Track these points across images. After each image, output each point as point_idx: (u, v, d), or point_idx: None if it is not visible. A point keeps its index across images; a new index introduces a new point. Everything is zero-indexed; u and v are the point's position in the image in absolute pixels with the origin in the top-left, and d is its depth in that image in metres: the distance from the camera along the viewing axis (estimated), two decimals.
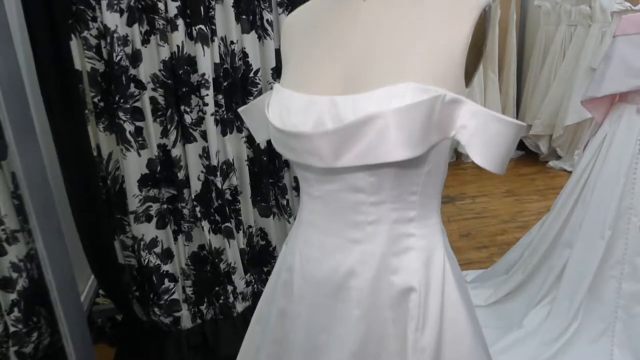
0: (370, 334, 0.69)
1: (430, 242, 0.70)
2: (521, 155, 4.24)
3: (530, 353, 1.73)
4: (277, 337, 0.78)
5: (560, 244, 1.91)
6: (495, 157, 0.62)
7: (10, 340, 1.48)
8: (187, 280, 1.72)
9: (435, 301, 0.68)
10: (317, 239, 0.73)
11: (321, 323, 0.72)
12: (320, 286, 0.72)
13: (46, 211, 1.38)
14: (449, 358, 0.68)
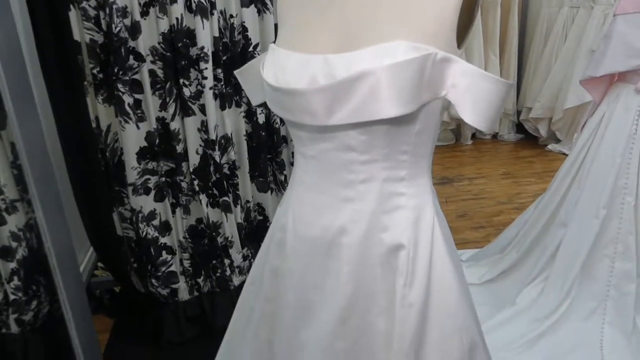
0: (359, 289, 0.71)
1: (420, 201, 0.72)
2: (520, 138, 4.24)
3: (522, 330, 1.75)
4: (270, 295, 0.80)
5: (555, 223, 1.93)
6: (485, 115, 0.63)
7: (10, 308, 1.51)
8: (184, 253, 1.74)
9: (423, 258, 0.70)
10: (309, 198, 0.74)
11: (313, 280, 0.74)
12: (312, 244, 0.74)
13: (45, 181, 1.39)
14: (436, 313, 0.70)
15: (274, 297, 0.79)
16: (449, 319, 0.71)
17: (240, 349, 0.86)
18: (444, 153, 3.96)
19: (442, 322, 0.70)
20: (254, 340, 0.83)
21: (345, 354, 0.71)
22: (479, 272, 2.10)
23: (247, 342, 0.85)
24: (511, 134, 4.27)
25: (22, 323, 1.53)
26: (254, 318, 0.84)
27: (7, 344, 1.53)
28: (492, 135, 4.32)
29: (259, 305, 0.82)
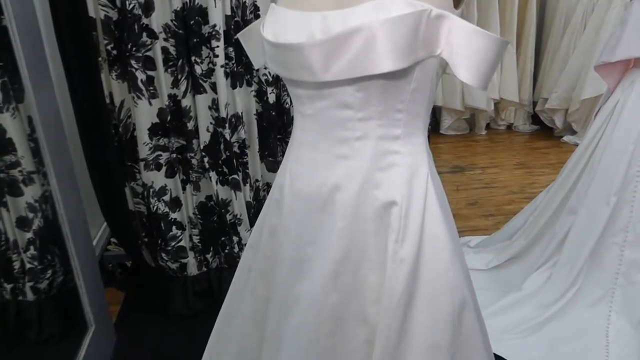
0: (352, 244, 0.73)
1: (414, 160, 0.73)
2: (536, 129, 4.20)
3: (527, 315, 1.75)
4: (267, 253, 0.82)
5: (565, 210, 1.92)
6: (480, 72, 0.64)
7: (26, 276, 1.56)
8: (194, 228, 1.77)
9: (416, 216, 0.72)
10: (306, 157, 0.76)
11: (308, 236, 0.76)
12: (308, 201, 0.76)
13: (59, 153, 1.43)
14: (427, 271, 0.72)
15: (271, 255, 0.81)
16: (439, 276, 0.72)
17: (238, 308, 0.89)
18: (458, 142, 3.94)
19: (433, 279, 0.72)
20: (251, 298, 0.85)
21: (336, 307, 0.73)
22: (486, 258, 2.10)
23: (244, 300, 0.87)
24: (526, 125, 4.23)
25: (37, 291, 1.58)
26: (251, 277, 0.86)
27: (23, 311, 1.59)
28: (507, 125, 4.29)
29: (256, 263, 0.85)
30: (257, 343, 0.82)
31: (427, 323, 0.71)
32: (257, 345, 0.82)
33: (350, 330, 0.73)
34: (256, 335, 0.83)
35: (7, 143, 1.44)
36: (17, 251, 1.54)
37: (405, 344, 0.69)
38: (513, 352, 1.59)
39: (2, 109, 1.40)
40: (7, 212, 1.50)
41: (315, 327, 0.73)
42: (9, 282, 1.57)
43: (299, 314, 0.74)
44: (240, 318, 0.88)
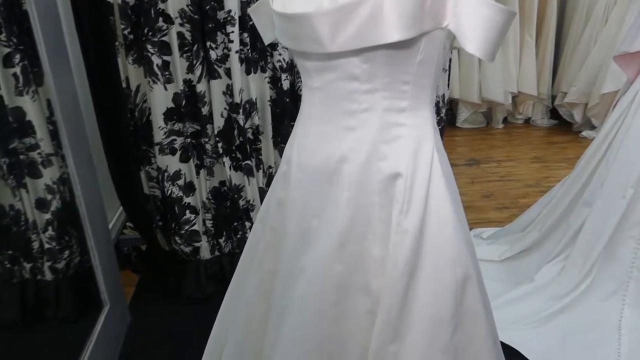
0: (357, 216, 0.74)
1: (420, 133, 0.74)
2: (554, 124, 4.15)
3: (538, 306, 1.74)
4: (274, 226, 0.84)
5: (580, 203, 1.89)
6: (486, 43, 0.65)
7: (45, 256, 1.60)
8: (207, 213, 1.80)
9: (420, 189, 0.72)
10: (314, 130, 0.77)
11: (314, 208, 0.77)
12: (314, 173, 0.77)
13: (77, 136, 1.46)
14: (431, 243, 0.72)
15: (278, 227, 0.83)
16: (442, 249, 0.72)
17: (246, 281, 0.90)
18: (474, 135, 3.91)
19: (436, 251, 0.72)
20: (258, 270, 0.87)
21: (340, 277, 0.74)
22: (499, 250, 2.09)
23: (252, 272, 0.89)
24: (544, 119, 4.18)
25: (55, 271, 1.62)
26: (259, 250, 0.87)
27: (41, 290, 1.63)
28: (525, 120, 4.24)
29: (264, 236, 0.86)
30: (263, 314, 0.84)
31: (430, 295, 0.71)
32: (264, 316, 0.83)
33: (353, 300, 0.74)
34: (263, 307, 0.84)
35: (27, 126, 1.48)
36: (36, 232, 1.58)
37: (407, 315, 0.70)
38: (522, 343, 1.59)
39: (23, 92, 1.43)
40: (26, 194, 1.54)
41: (319, 297, 0.74)
42: (28, 262, 1.61)
43: (304, 284, 0.75)
44: (247, 290, 0.89)
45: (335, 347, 0.74)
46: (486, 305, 0.80)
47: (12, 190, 1.52)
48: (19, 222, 1.57)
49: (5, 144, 1.48)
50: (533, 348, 1.57)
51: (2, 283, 1.59)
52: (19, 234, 1.58)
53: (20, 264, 1.61)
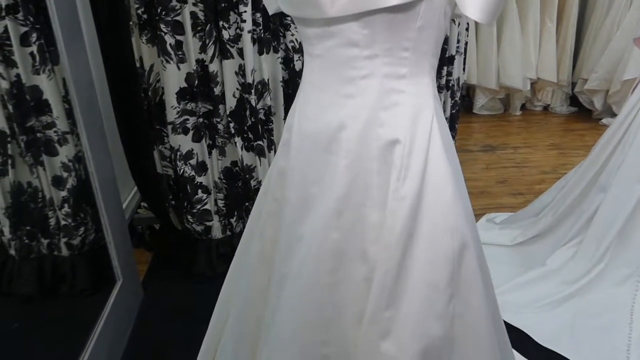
0: (355, 182, 0.74)
1: (419, 100, 0.74)
2: (574, 111, 4.08)
3: (549, 290, 1.73)
4: (276, 195, 0.85)
5: (595, 188, 1.87)
6: (485, 7, 0.64)
7: (61, 233, 1.63)
8: (219, 193, 1.82)
9: (418, 156, 0.72)
10: (314, 97, 0.78)
11: (313, 176, 0.78)
12: (314, 140, 0.77)
13: (90, 114, 1.48)
14: (428, 210, 0.72)
15: (280, 196, 0.83)
16: (440, 216, 0.73)
17: (249, 251, 0.92)
18: (490, 122, 3.87)
19: (434, 219, 0.72)
20: (259, 239, 0.88)
21: (337, 244, 0.74)
22: (512, 235, 2.08)
23: (254, 242, 0.90)
24: (564, 107, 4.11)
25: (71, 247, 1.66)
26: (261, 219, 0.89)
27: (58, 265, 1.67)
28: (543, 107, 4.17)
29: (266, 205, 0.87)
30: (264, 283, 0.85)
31: (426, 262, 0.71)
32: (265, 285, 0.84)
33: (350, 267, 0.74)
34: (264, 275, 0.85)
35: (43, 104, 1.51)
36: (52, 208, 1.62)
37: (403, 282, 0.70)
38: (531, 326, 1.58)
39: (39, 71, 1.46)
40: (43, 171, 1.57)
41: (317, 264, 0.74)
42: (45, 238, 1.65)
43: (302, 251, 0.76)
44: (249, 260, 0.91)
45: (332, 313, 0.75)
46: (485, 276, 0.80)
47: (30, 168, 1.55)
48: (37, 199, 1.60)
49: (23, 122, 1.51)
50: (542, 331, 1.56)
51: (21, 258, 1.63)
52: (37, 211, 1.61)
53: (38, 240, 1.65)
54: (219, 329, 1.00)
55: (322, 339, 0.75)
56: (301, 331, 0.76)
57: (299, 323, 0.76)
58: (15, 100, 1.45)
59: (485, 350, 0.73)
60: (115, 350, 1.51)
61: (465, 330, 0.73)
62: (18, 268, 1.63)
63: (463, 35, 2.30)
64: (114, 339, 1.51)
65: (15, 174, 1.53)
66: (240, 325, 0.92)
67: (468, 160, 3.05)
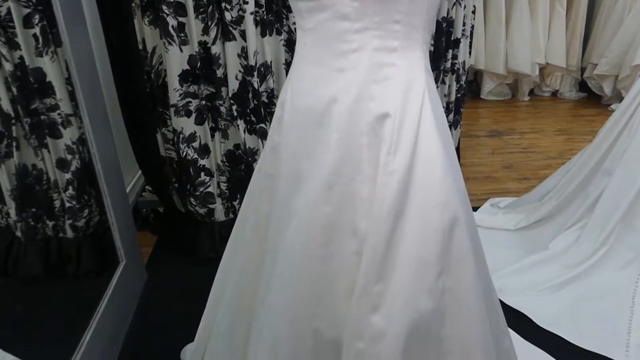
0: (346, 157, 0.74)
1: (411, 74, 0.74)
2: (583, 97, 4.03)
3: (551, 274, 1.73)
4: (269, 171, 0.85)
5: (601, 171, 1.86)
6: None
7: (66, 215, 1.65)
8: (222, 176, 1.82)
9: (409, 129, 0.72)
10: (306, 71, 0.78)
11: (305, 150, 0.78)
12: (306, 115, 0.77)
13: (92, 95, 1.49)
14: (418, 185, 0.72)
15: (273, 172, 0.84)
16: (431, 191, 0.72)
17: (243, 226, 0.92)
18: (498, 107, 3.83)
19: (424, 193, 0.72)
20: (254, 215, 0.89)
21: (328, 218, 0.74)
22: (515, 219, 2.07)
23: (248, 218, 0.90)
24: (573, 92, 4.06)
25: (76, 229, 1.67)
26: (255, 195, 0.89)
27: (63, 247, 1.69)
28: (552, 92, 4.13)
29: (259, 181, 0.88)
30: (258, 258, 0.85)
31: (416, 237, 0.71)
32: (260, 260, 0.85)
33: (341, 242, 0.75)
34: (258, 251, 0.86)
35: (47, 86, 1.51)
36: (57, 191, 1.63)
37: (392, 256, 0.70)
38: (531, 308, 1.58)
39: (42, 53, 1.46)
40: (48, 154, 1.58)
41: (308, 238, 0.75)
42: (50, 220, 1.67)
43: (294, 226, 0.76)
44: (244, 236, 0.91)
45: (323, 287, 0.75)
46: (477, 252, 0.79)
47: (34, 150, 1.56)
48: (42, 181, 1.62)
49: (27, 104, 1.52)
50: (542, 314, 1.56)
51: (27, 240, 1.65)
52: (42, 193, 1.63)
53: (43, 222, 1.67)
54: (216, 305, 1.01)
55: (313, 313, 0.76)
56: (292, 304, 0.76)
57: (290, 296, 0.77)
58: (19, 82, 1.46)
59: (475, 326, 0.74)
60: (119, 330, 1.54)
61: (455, 305, 0.73)
62: (24, 249, 1.65)
63: (469, 18, 2.27)
64: (118, 318, 1.53)
65: (20, 156, 1.54)
66: (236, 300, 0.93)
67: (474, 145, 3.03)
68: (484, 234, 2.04)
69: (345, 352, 0.72)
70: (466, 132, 3.19)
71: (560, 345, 1.46)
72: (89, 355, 1.27)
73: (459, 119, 2.43)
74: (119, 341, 1.51)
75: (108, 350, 1.44)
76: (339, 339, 0.73)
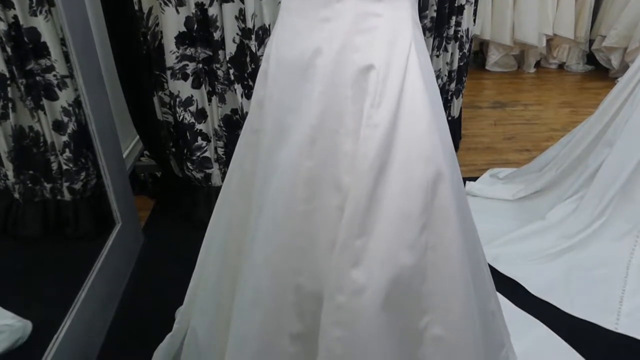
0: (329, 109, 0.73)
1: (397, 25, 0.72)
2: (590, 70, 3.96)
3: (547, 244, 1.72)
4: (254, 126, 0.84)
5: (602, 142, 1.84)
6: None
7: (63, 177, 1.65)
8: (219, 141, 1.82)
9: (394, 82, 0.70)
10: (291, 23, 0.76)
11: (289, 104, 0.77)
12: (290, 67, 0.76)
13: (86, 56, 1.47)
14: (403, 139, 0.71)
15: (258, 127, 0.83)
16: (414, 145, 0.71)
17: (229, 184, 0.92)
18: (503, 79, 3.78)
19: (408, 147, 0.71)
20: (239, 172, 0.88)
21: (311, 173, 0.74)
22: (514, 189, 2.06)
23: (234, 174, 0.90)
24: (580, 65, 3.99)
25: (73, 191, 1.68)
26: (240, 151, 0.89)
27: (61, 209, 1.70)
28: (559, 64, 4.06)
29: (245, 136, 0.87)
30: (244, 215, 0.85)
31: (399, 191, 0.71)
32: (245, 217, 0.85)
33: (324, 196, 0.74)
34: (244, 208, 0.85)
35: (41, 47, 1.49)
36: (54, 153, 1.63)
37: (374, 210, 0.70)
38: (525, 277, 1.58)
39: (36, 12, 1.44)
40: (44, 115, 1.57)
41: (291, 192, 0.74)
42: (48, 182, 1.67)
43: (277, 180, 0.76)
44: (230, 193, 0.91)
45: (306, 242, 0.75)
46: (462, 209, 0.79)
47: (31, 112, 1.56)
48: (39, 144, 1.61)
49: (22, 65, 1.50)
50: (536, 282, 1.57)
51: (25, 202, 1.66)
52: (39, 155, 1.63)
53: (41, 184, 1.67)
54: (204, 263, 1.02)
55: (295, 268, 0.76)
56: (275, 259, 0.76)
57: (272, 250, 0.77)
58: (13, 42, 1.44)
59: (457, 283, 0.73)
60: (115, 290, 1.56)
61: (437, 261, 0.73)
62: (22, 211, 1.66)
63: None
64: (113, 279, 1.55)
65: (17, 118, 1.53)
66: (222, 256, 0.93)
67: (476, 116, 3.00)
68: (483, 203, 2.04)
69: (325, 305, 0.72)
70: (469, 102, 3.15)
71: (552, 313, 1.47)
72: (83, 312, 1.29)
73: (461, 88, 2.39)
74: (115, 301, 1.54)
75: (103, 309, 1.46)
76: (321, 293, 0.73)
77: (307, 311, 0.76)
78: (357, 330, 0.70)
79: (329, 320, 0.72)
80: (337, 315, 0.71)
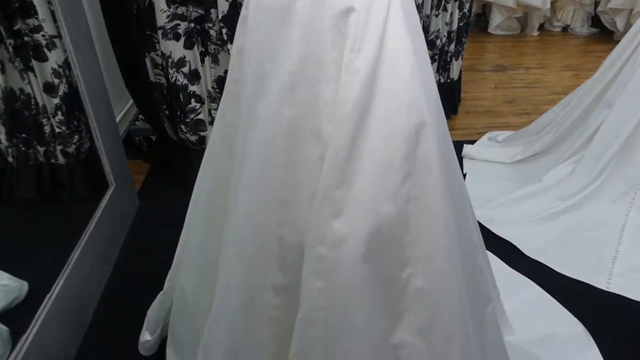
0: (308, 55, 0.71)
1: None
2: (594, 32, 3.88)
3: (544, 205, 1.72)
4: (234, 76, 0.82)
5: (601, 104, 1.81)
6: None
7: (57, 140, 1.64)
8: (212, 103, 1.79)
9: (375, 26, 0.68)
10: None
11: (268, 51, 0.74)
12: (270, 13, 0.73)
13: (74, 17, 1.44)
14: (384, 84, 0.69)
15: (238, 77, 0.81)
16: (396, 92, 0.69)
17: (214, 135, 0.91)
18: (505, 42, 3.71)
19: (389, 94, 0.69)
20: (221, 124, 0.87)
21: (291, 122, 0.72)
22: (512, 152, 2.04)
23: (218, 126, 0.89)
24: (584, 27, 3.91)
25: (67, 154, 1.67)
26: (223, 104, 0.87)
27: (55, 173, 1.69)
28: (563, 27, 3.97)
29: (226, 88, 0.85)
30: (228, 168, 0.84)
31: (380, 139, 0.69)
32: (228, 170, 0.83)
33: (304, 146, 0.72)
34: (227, 161, 0.84)
35: (28, 6, 1.46)
36: (46, 116, 1.62)
37: (355, 159, 0.68)
38: (519, 237, 1.58)
39: None
40: (34, 77, 1.55)
41: (271, 143, 0.73)
42: (41, 146, 1.66)
43: (258, 132, 0.74)
44: (215, 146, 0.90)
45: (287, 193, 0.74)
46: (446, 159, 0.77)
47: (20, 74, 1.53)
48: (30, 106, 1.60)
49: (10, 24, 1.47)
50: (530, 243, 1.57)
51: (19, 165, 1.66)
52: (31, 118, 1.61)
53: (34, 148, 1.66)
54: (192, 219, 1.02)
55: (277, 219, 0.75)
56: (257, 211, 0.76)
57: (255, 203, 0.76)
58: None
59: (440, 234, 0.73)
60: (109, 252, 1.56)
61: (419, 212, 0.71)
62: (17, 175, 1.65)
63: None
64: (107, 241, 1.56)
65: (6, 80, 1.51)
66: (207, 210, 0.93)
67: (477, 79, 2.96)
68: (480, 166, 2.03)
69: (306, 256, 0.71)
70: (470, 66, 3.10)
71: (545, 274, 1.48)
72: (76, 273, 1.30)
73: (460, 49, 2.35)
74: (110, 262, 1.55)
75: (97, 270, 1.47)
76: (303, 245, 0.73)
77: (290, 263, 0.76)
78: (338, 282, 0.70)
79: (309, 271, 0.71)
80: (318, 266, 0.71)
